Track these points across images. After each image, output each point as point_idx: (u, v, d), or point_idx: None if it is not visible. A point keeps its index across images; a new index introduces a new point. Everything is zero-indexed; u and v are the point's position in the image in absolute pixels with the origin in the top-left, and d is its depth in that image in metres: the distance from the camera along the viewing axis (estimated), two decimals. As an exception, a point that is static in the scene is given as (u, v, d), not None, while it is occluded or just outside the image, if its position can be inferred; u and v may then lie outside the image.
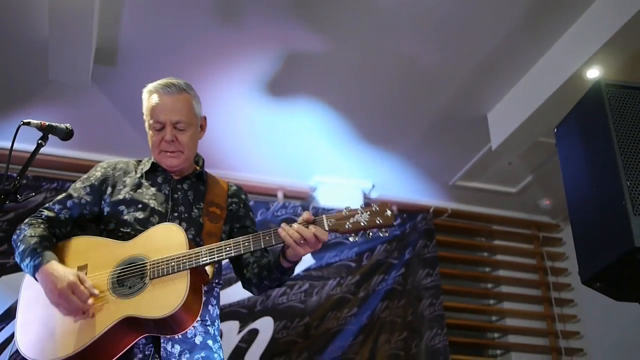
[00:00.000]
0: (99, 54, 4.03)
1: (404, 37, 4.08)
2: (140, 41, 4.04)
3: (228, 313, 4.76)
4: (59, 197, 2.53)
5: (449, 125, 4.89)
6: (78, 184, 2.55)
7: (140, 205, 2.46)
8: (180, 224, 2.40)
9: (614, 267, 2.48)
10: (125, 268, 2.29)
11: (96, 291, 2.22)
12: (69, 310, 2.22)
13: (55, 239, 2.40)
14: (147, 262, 2.27)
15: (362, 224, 2.23)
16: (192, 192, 2.56)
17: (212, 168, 2.66)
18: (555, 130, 3.00)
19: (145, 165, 2.60)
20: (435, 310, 5.20)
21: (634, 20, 3.57)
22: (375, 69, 4.32)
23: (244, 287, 2.58)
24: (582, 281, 2.67)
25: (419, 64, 4.30)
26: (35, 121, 2.38)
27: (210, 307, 2.44)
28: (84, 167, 3.67)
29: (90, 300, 2.20)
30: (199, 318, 2.29)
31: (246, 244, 2.27)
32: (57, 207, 2.48)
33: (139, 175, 2.57)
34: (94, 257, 2.34)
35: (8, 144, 2.33)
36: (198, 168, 2.65)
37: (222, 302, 4.65)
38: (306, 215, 2.28)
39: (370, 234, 2.26)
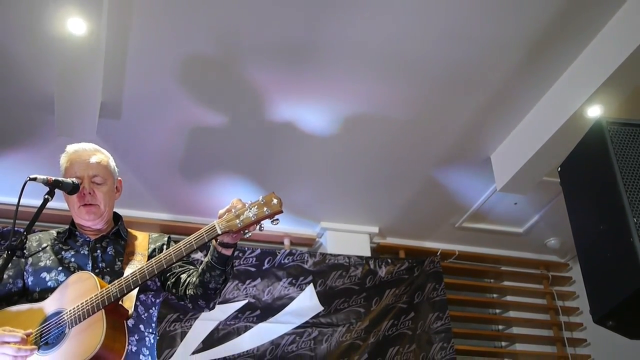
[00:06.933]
0: (103, 108, 4.06)
1: (407, 83, 4.12)
2: (144, 93, 4.08)
3: (237, 364, 4.70)
4: None
5: (454, 168, 4.91)
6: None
7: (60, 268, 2.51)
8: (103, 278, 2.46)
9: (626, 304, 2.46)
10: (45, 325, 2.33)
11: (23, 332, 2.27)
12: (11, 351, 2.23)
13: None
14: (64, 313, 2.31)
15: (252, 218, 2.28)
16: (111, 248, 2.62)
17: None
18: (559, 169, 3.01)
19: (64, 233, 2.67)
20: (447, 354, 5.11)
21: (633, 57, 3.58)
22: (379, 114, 4.36)
23: (194, 307, 2.56)
24: (594, 320, 2.65)
25: (422, 108, 4.34)
26: (42, 176, 2.40)
27: (142, 357, 2.46)
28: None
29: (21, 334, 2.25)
30: None
31: (150, 269, 2.29)
32: None
33: (57, 241, 2.63)
34: (16, 325, 2.36)
35: (15, 200, 2.34)
36: (115, 227, 2.70)
37: (230, 353, 4.71)
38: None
39: (262, 226, 2.31)
